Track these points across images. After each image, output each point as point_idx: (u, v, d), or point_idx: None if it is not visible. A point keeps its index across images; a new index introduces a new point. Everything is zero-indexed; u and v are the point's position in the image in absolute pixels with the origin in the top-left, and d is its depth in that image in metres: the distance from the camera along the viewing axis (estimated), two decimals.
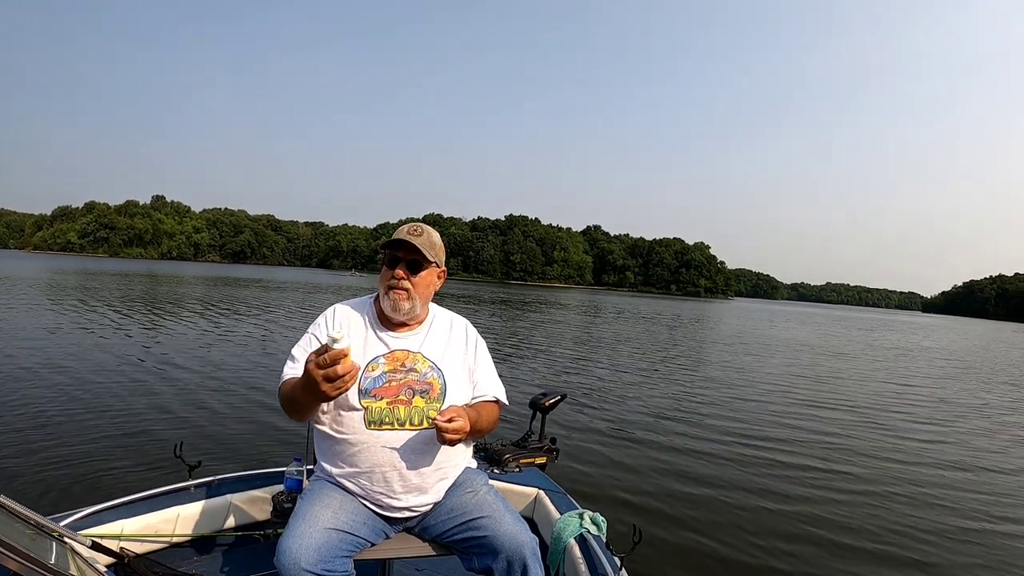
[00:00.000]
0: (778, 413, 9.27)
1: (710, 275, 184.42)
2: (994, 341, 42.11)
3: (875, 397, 11.69)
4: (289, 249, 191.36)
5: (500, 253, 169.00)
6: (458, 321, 2.37)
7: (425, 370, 2.15)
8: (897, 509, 5.38)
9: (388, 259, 2.20)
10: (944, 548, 4.67)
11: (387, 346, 2.16)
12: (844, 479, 6.16)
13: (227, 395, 7.81)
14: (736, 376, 13.22)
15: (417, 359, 2.16)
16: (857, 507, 5.34)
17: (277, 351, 11.93)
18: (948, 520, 5.25)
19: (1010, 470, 7.05)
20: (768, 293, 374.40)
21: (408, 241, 2.14)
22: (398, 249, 2.17)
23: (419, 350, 2.18)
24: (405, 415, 2.06)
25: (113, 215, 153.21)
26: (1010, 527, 5.22)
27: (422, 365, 2.15)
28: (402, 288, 2.15)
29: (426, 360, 2.17)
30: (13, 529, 1.63)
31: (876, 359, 20.03)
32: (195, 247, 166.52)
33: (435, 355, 2.20)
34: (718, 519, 4.85)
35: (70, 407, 6.63)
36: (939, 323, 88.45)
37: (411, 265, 2.17)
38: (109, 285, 29.84)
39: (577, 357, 14.67)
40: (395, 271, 2.15)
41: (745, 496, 5.41)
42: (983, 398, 12.93)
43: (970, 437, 8.70)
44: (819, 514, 5.10)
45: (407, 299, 2.16)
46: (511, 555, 1.96)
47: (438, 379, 2.15)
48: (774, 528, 4.75)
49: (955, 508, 5.58)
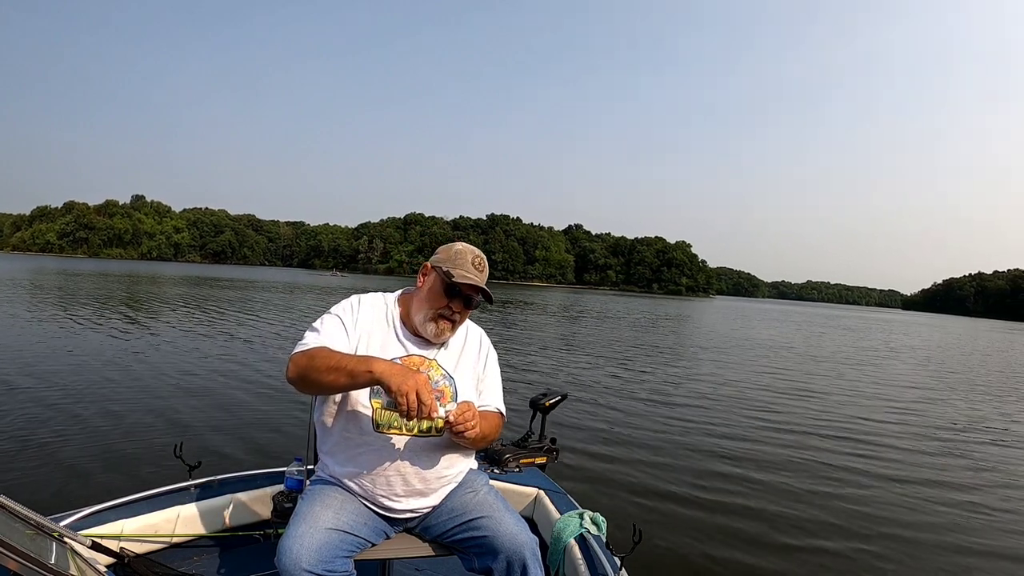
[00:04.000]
0: (778, 413, 9.28)
1: (692, 274, 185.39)
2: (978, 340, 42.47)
3: (875, 398, 11.72)
4: (270, 249, 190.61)
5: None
6: (473, 330, 2.35)
7: (438, 377, 2.13)
8: (904, 512, 5.37)
9: (447, 288, 2.12)
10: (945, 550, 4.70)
11: (405, 349, 2.14)
12: (844, 479, 6.17)
13: (227, 395, 7.80)
14: (735, 376, 13.26)
15: (432, 366, 2.14)
16: (858, 509, 5.32)
17: (276, 351, 11.99)
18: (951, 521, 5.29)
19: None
20: (749, 292, 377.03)
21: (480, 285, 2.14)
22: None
23: (435, 357, 2.17)
24: (414, 420, 2.02)
25: (92, 215, 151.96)
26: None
27: (436, 373, 2.14)
28: (452, 320, 2.15)
29: (440, 368, 2.16)
30: (13, 529, 1.61)
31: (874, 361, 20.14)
32: (175, 247, 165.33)
33: (449, 364, 2.18)
34: (718, 519, 4.86)
35: (69, 407, 6.60)
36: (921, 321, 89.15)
37: (468, 300, 2.16)
38: (97, 286, 29.62)
39: (576, 357, 14.70)
40: (452, 303, 2.12)
41: (746, 496, 5.42)
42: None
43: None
44: (819, 514, 5.10)
45: (451, 329, 2.16)
46: (511, 555, 1.96)
47: (450, 387, 2.14)
48: (774, 528, 4.76)
49: (958, 508, 5.62)
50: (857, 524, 4.96)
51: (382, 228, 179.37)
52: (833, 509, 5.25)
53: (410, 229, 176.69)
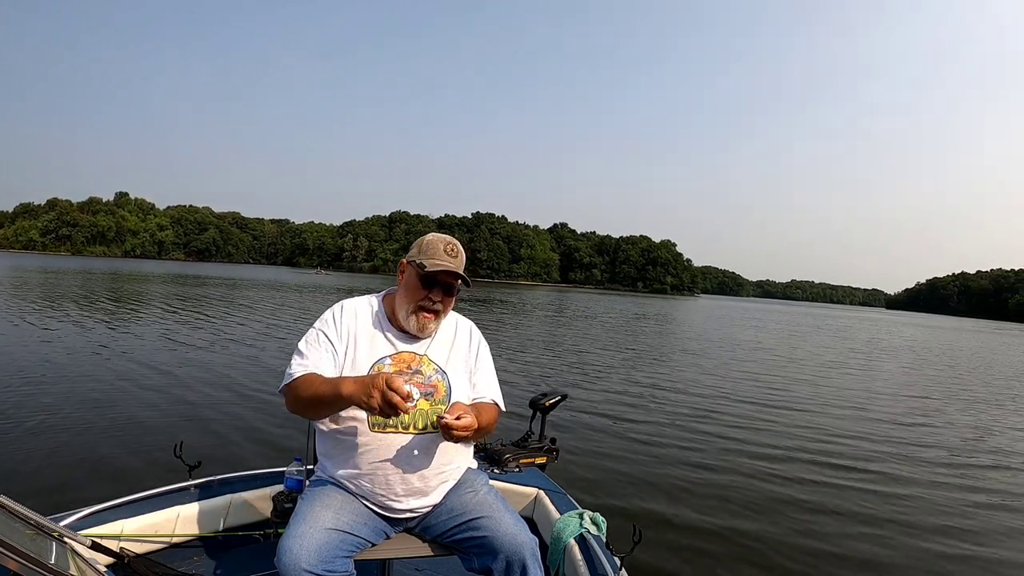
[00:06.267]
0: (777, 414, 9.31)
1: (676, 273, 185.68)
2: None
3: (875, 399, 11.79)
4: (255, 247, 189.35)
5: (467, 251, 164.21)
6: (463, 323, 2.37)
7: (430, 373, 2.14)
8: (904, 511, 5.40)
9: (424, 278, 2.14)
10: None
11: (394, 347, 2.15)
12: (845, 478, 6.21)
13: (227, 395, 7.81)
14: (734, 376, 13.33)
15: (423, 361, 2.16)
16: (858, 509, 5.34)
17: (274, 350, 11.98)
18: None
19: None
20: (734, 290, 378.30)
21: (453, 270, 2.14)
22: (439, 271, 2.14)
23: (425, 352, 2.18)
24: (409, 418, 2.05)
25: (76, 212, 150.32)
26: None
27: (428, 368, 2.15)
28: (434, 311, 2.16)
29: (432, 363, 2.17)
30: (13, 529, 1.62)
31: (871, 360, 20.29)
32: (159, 245, 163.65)
33: (440, 358, 2.20)
34: (719, 520, 4.87)
35: (69, 408, 6.61)
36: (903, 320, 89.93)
37: (447, 288, 2.17)
38: (85, 285, 29.49)
39: (575, 357, 14.73)
40: (431, 292, 2.14)
41: (746, 497, 5.44)
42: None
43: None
44: (820, 514, 5.13)
45: (435, 320, 2.17)
46: (510, 555, 1.96)
47: (443, 382, 2.15)
48: (774, 528, 4.78)
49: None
50: (858, 524, 4.99)
51: (367, 226, 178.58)
52: (834, 509, 5.29)
53: (395, 227, 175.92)
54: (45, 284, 27.98)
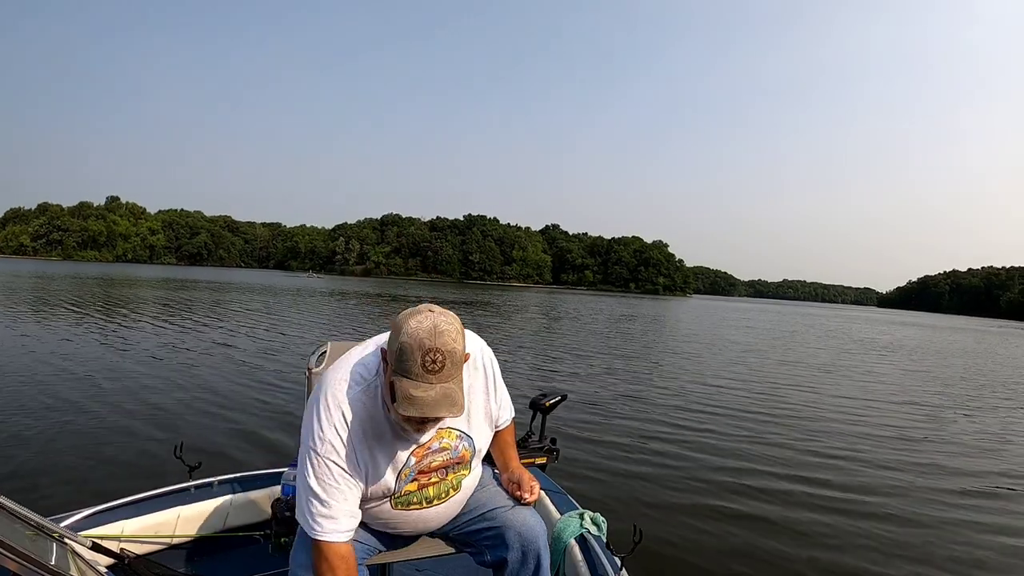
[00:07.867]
0: (777, 414, 9.27)
1: (668, 273, 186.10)
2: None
3: (875, 399, 11.75)
4: (246, 251, 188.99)
5: (459, 253, 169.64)
6: (473, 351, 1.91)
7: (455, 443, 1.89)
8: (907, 510, 5.36)
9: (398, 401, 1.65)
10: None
11: (409, 438, 1.82)
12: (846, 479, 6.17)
13: (227, 396, 7.80)
14: (733, 376, 13.31)
15: (444, 435, 1.88)
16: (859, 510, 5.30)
17: (274, 350, 12.11)
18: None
19: None
20: (726, 290, 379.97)
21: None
22: None
23: (447, 425, 1.88)
24: (435, 492, 1.90)
25: (67, 217, 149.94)
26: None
27: (450, 438, 1.89)
28: (425, 429, 1.82)
29: (453, 431, 1.90)
30: (13, 530, 1.62)
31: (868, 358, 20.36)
32: (151, 249, 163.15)
33: (462, 422, 1.91)
34: (719, 520, 4.85)
35: (69, 408, 6.62)
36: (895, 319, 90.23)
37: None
38: (80, 289, 29.38)
39: (575, 357, 14.72)
40: (410, 423, 1.74)
41: (746, 497, 5.41)
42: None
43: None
44: (820, 515, 5.10)
45: (432, 425, 1.82)
46: (526, 545, 1.93)
47: (469, 448, 1.93)
48: (774, 529, 4.75)
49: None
50: (858, 524, 4.96)
51: (359, 229, 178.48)
52: (835, 510, 5.25)
53: (387, 230, 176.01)
54: (37, 288, 27.94)
